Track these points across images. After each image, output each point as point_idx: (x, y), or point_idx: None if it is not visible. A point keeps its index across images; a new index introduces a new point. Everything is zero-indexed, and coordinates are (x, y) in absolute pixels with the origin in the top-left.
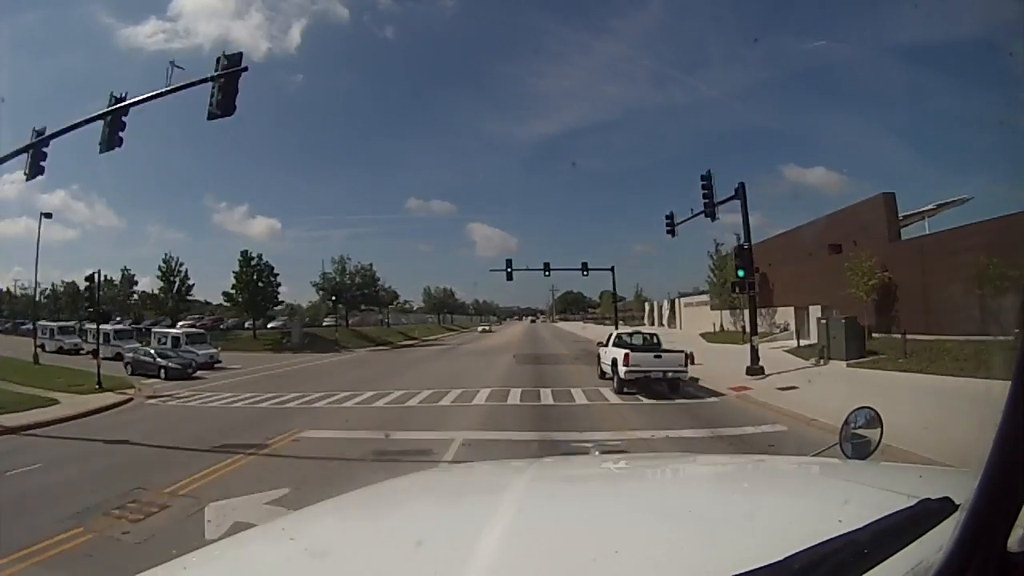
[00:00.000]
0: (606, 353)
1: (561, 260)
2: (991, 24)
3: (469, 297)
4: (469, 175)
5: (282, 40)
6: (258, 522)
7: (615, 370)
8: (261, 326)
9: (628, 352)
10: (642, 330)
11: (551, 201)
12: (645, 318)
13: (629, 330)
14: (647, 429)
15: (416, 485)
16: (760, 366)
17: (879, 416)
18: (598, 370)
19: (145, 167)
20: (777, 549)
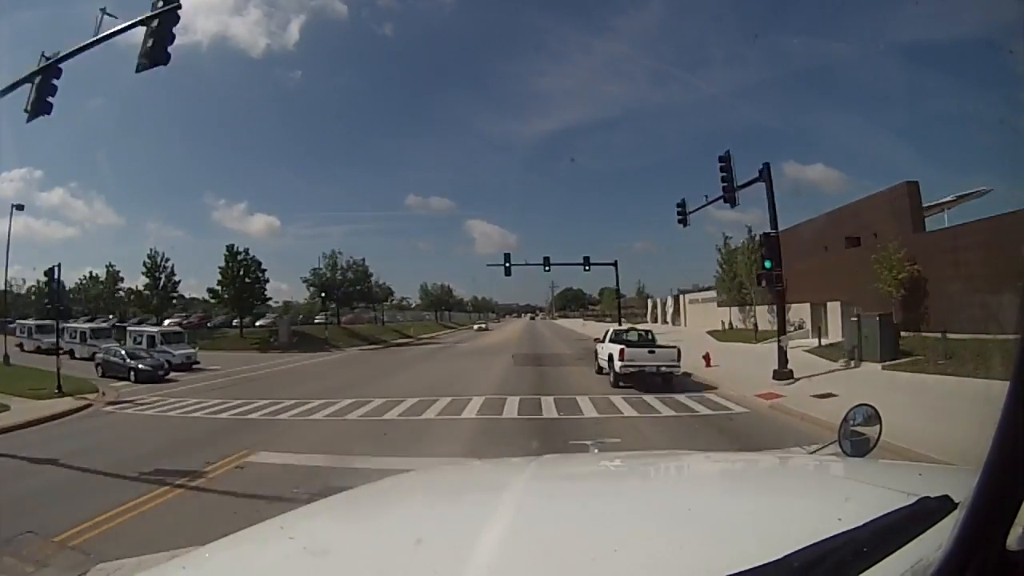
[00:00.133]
0: (603, 349)
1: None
2: (991, 24)
3: (468, 294)
4: (469, 173)
5: (281, 36)
6: None
7: (611, 365)
8: (249, 324)
9: (623, 348)
10: (637, 327)
11: (551, 199)
12: (648, 315)
13: (625, 327)
14: (672, 448)
15: (416, 483)
16: (789, 369)
17: (878, 413)
18: (596, 366)
19: (144, 164)
20: (776, 547)
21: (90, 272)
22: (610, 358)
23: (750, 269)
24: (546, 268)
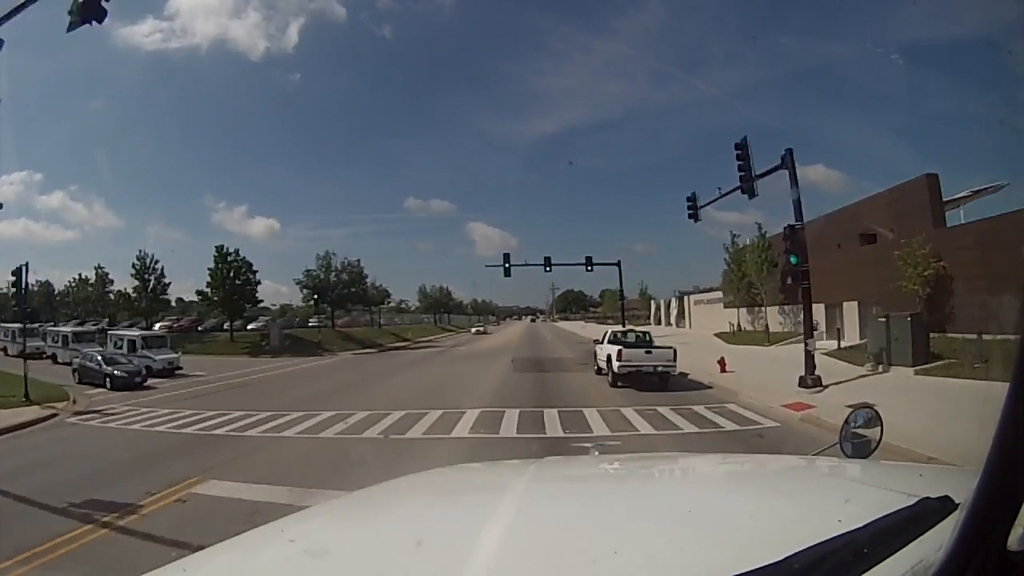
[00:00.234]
0: (602, 350)
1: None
2: (991, 24)
3: (468, 296)
4: (469, 174)
5: (280, 39)
6: None
7: (609, 365)
8: (241, 327)
9: (621, 348)
10: (636, 329)
11: (551, 200)
12: (651, 317)
13: (623, 328)
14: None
15: (416, 485)
16: (817, 376)
17: (879, 415)
18: (595, 366)
19: (144, 167)
20: (777, 549)
21: (80, 275)
22: (608, 359)
23: (761, 268)
24: (547, 269)
